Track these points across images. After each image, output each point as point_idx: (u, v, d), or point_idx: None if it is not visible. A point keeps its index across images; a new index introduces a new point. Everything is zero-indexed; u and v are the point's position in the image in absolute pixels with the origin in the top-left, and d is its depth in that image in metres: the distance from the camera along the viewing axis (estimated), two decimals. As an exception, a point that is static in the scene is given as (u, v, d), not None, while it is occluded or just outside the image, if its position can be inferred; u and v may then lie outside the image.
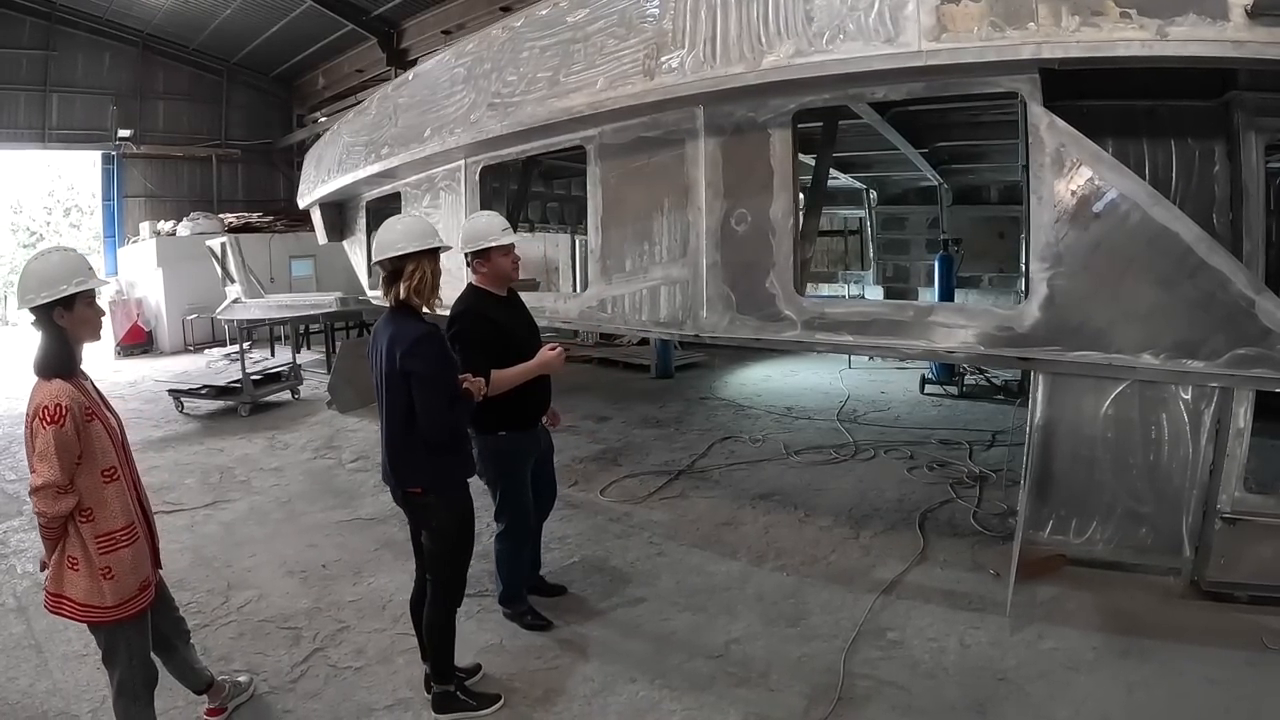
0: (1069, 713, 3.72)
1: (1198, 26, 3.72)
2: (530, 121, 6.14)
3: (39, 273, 3.31)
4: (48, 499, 3.15)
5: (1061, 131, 4.17)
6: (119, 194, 25.24)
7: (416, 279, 3.73)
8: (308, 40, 23.27)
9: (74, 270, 3.32)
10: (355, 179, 9.03)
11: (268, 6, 21.29)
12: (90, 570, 3.29)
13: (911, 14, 4.18)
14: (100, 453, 3.32)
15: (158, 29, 24.03)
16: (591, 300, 6.13)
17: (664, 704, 3.92)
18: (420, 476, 3.80)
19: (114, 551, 3.32)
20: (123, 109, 24.25)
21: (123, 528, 3.37)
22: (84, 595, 3.30)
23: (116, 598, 3.32)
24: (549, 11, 6.04)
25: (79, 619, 3.36)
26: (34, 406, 3.20)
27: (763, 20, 4.69)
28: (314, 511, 7.15)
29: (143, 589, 3.45)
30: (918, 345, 4.92)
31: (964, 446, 8.17)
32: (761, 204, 5.17)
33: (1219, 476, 4.40)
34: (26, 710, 4.20)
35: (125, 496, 3.42)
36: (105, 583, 3.30)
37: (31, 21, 22.47)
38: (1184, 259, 4.05)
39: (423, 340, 3.66)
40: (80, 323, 3.34)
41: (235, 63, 26.24)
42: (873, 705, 3.85)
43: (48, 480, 3.13)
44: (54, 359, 3.28)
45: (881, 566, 5.42)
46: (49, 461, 3.13)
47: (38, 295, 3.25)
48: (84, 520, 3.28)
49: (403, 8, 19.88)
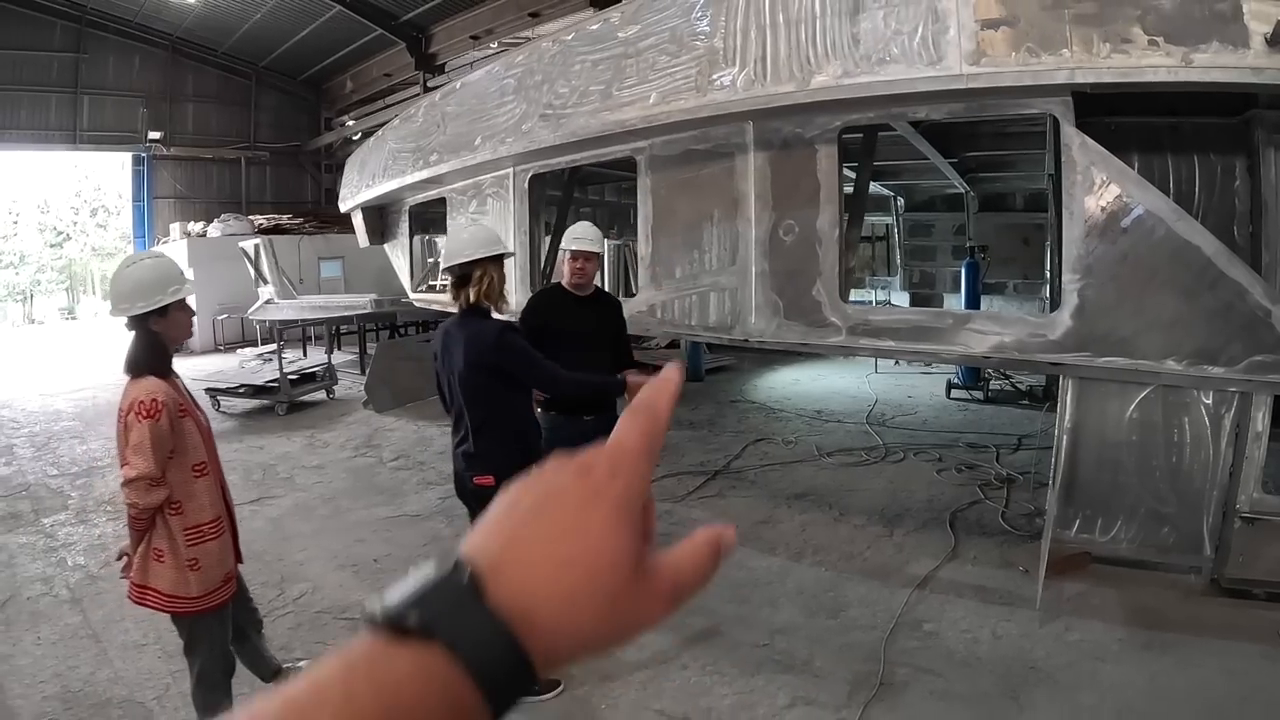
0: (1095, 699, 3.93)
1: (1220, 54, 3.93)
2: (583, 133, 6.33)
3: (134, 281, 3.38)
4: (140, 491, 3.23)
5: (1092, 151, 4.39)
6: (149, 195, 25.67)
7: (485, 284, 4.01)
8: (336, 44, 23.44)
9: (168, 278, 3.43)
10: (402, 184, 9.24)
11: (298, 11, 21.48)
12: (177, 562, 3.38)
13: (953, 39, 4.40)
14: (191, 448, 3.43)
15: (187, 32, 24.36)
16: (641, 305, 6.34)
17: (716, 688, 4.15)
18: (491, 469, 4.03)
19: (201, 544, 3.43)
20: (153, 111, 24.72)
21: (210, 521, 3.48)
22: (170, 586, 3.39)
23: (202, 589, 3.43)
24: (600, 26, 6.26)
25: (164, 609, 3.46)
26: (128, 402, 3.27)
27: (811, 42, 4.91)
28: (358, 508, 7.34)
29: (226, 581, 3.57)
30: (955, 350, 5.13)
31: (990, 450, 8.33)
32: (808, 216, 5.37)
33: (1238, 478, 4.55)
34: (90, 698, 4.32)
35: (214, 491, 3.54)
36: (191, 574, 3.39)
37: (62, 25, 22.91)
38: (1205, 271, 4.24)
39: (505, 331, 3.97)
40: (173, 325, 3.46)
41: (264, 66, 26.55)
42: (912, 691, 4.08)
43: (141, 472, 3.21)
44: (147, 359, 3.38)
45: (915, 563, 5.63)
46: (143, 454, 3.21)
47: (133, 305, 3.34)
48: (173, 513, 3.37)
49: (432, 13, 19.98)
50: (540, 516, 0.53)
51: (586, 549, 0.52)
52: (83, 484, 8.43)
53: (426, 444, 9.59)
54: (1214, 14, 3.96)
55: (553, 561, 0.51)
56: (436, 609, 0.48)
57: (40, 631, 5.08)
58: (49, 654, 4.80)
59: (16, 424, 11.93)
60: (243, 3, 21.60)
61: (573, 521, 0.52)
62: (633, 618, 0.53)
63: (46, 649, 4.86)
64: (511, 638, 0.48)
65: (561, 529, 0.52)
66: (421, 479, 8.18)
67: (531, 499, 0.54)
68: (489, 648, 0.48)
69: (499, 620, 0.48)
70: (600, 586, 0.51)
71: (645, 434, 0.58)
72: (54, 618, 5.28)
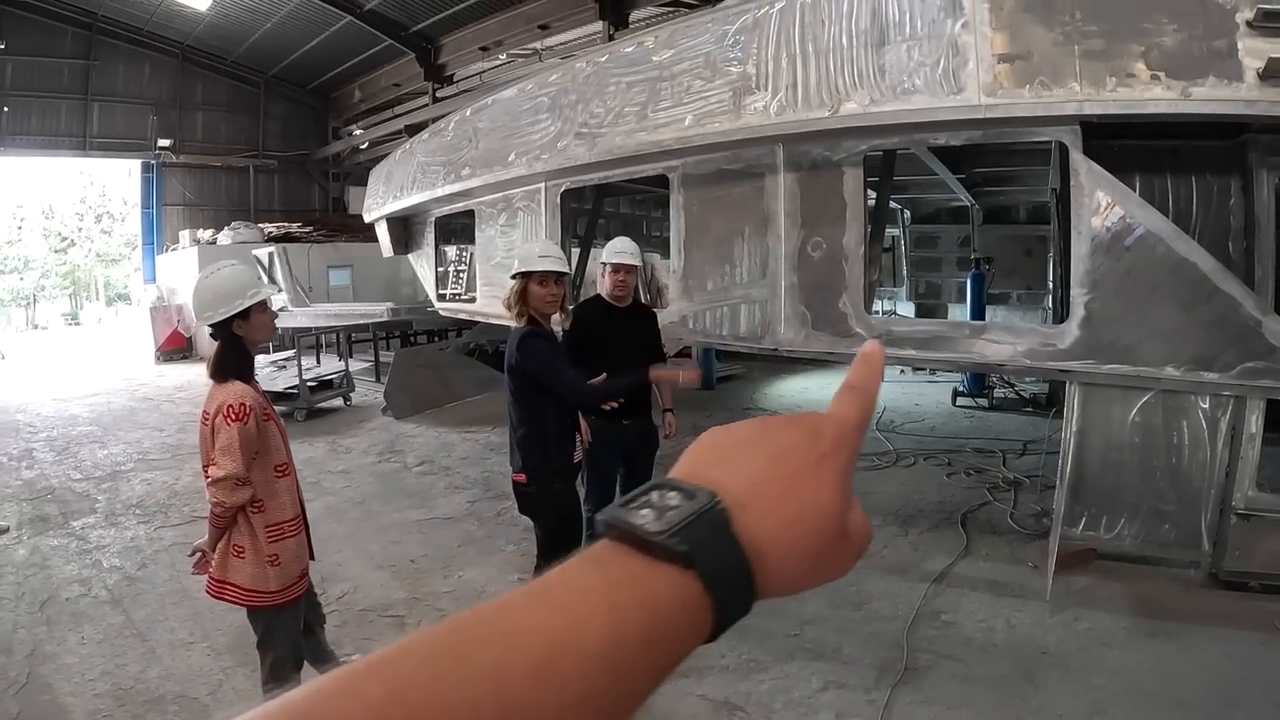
0: (1105, 680, 4.23)
1: (1217, 87, 4.29)
2: (618, 152, 6.64)
3: (214, 289, 3.52)
4: (227, 490, 3.34)
5: (1098, 175, 4.73)
6: (158, 202, 25.86)
7: (511, 296, 4.42)
8: (345, 54, 23.63)
9: (246, 284, 3.56)
10: (432, 196, 9.52)
11: (307, 21, 21.66)
12: (257, 558, 3.50)
13: (972, 71, 4.75)
14: (274, 450, 3.57)
15: (198, 41, 24.60)
16: (674, 315, 6.63)
17: (754, 675, 4.44)
18: (524, 466, 4.35)
19: (281, 540, 3.55)
20: (162, 119, 25.00)
21: (290, 519, 3.62)
22: (249, 581, 3.51)
23: (280, 583, 3.55)
24: (634, 50, 6.57)
25: (242, 603, 3.57)
26: (216, 405, 3.39)
27: (839, 71, 5.25)
28: (389, 511, 7.52)
29: (301, 576, 3.71)
30: (972, 358, 5.46)
31: (997, 454, 8.63)
32: (835, 233, 5.69)
33: (1234, 477, 4.84)
34: (142, 695, 4.42)
35: (293, 491, 3.68)
36: (271, 569, 3.51)
37: (73, 32, 23.16)
38: (1201, 285, 4.59)
39: (527, 336, 4.29)
40: (256, 327, 3.58)
41: (273, 75, 26.77)
42: (935, 674, 4.39)
43: (229, 472, 3.33)
44: (233, 363, 3.53)
45: (930, 560, 5.92)
46: (231, 455, 3.33)
47: (216, 311, 3.47)
48: (255, 511, 3.49)
49: (441, 24, 20.16)
50: (778, 467, 0.57)
51: (816, 506, 0.56)
52: (108, 488, 8.60)
53: (449, 449, 9.83)
54: (1211, 50, 4.31)
55: (788, 511, 0.55)
56: (697, 538, 0.51)
57: (84, 631, 5.18)
58: (95, 653, 4.89)
59: (34, 428, 12.14)
60: (253, 12, 21.82)
61: (807, 480, 0.57)
62: (830, 570, 0.59)
63: (92, 648, 4.96)
64: (750, 572, 0.53)
65: (798, 484, 0.56)
66: (449, 483, 8.39)
67: (767, 449, 0.58)
68: (734, 578, 0.53)
69: (745, 556, 0.53)
70: (819, 541, 0.56)
71: (862, 410, 0.63)
72: (96, 618, 5.39)
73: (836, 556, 0.59)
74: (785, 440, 0.59)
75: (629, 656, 0.48)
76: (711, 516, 0.53)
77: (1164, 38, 4.37)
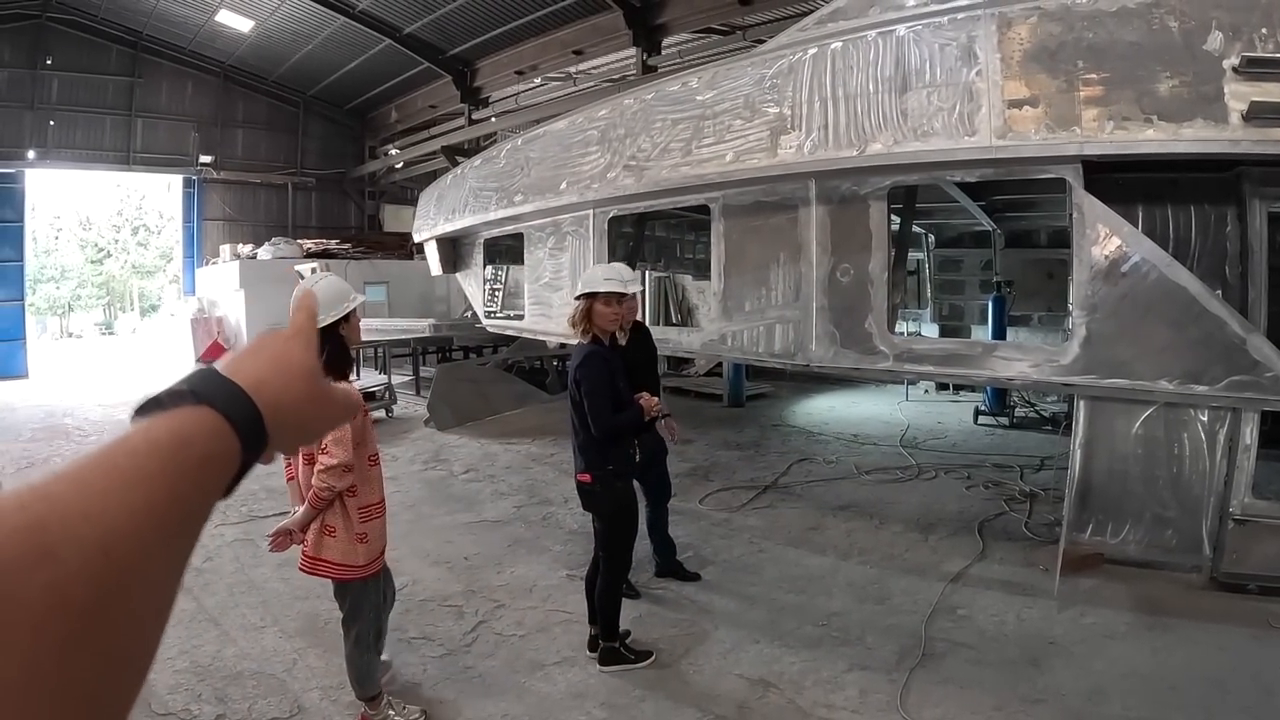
0: (1105, 665, 4.63)
1: (1205, 129, 4.76)
2: (664, 184, 7.17)
3: (322, 295, 3.84)
4: (337, 475, 3.72)
5: (1097, 208, 5.21)
6: (199, 216, 26.39)
7: (576, 314, 4.85)
8: (383, 76, 24.04)
9: (345, 291, 3.99)
10: (484, 220, 10.06)
11: (347, 44, 22.09)
12: (349, 536, 3.91)
13: (984, 116, 5.28)
14: (370, 441, 4.02)
15: (239, 61, 25.20)
16: (713, 334, 7.16)
17: (785, 658, 4.87)
18: (587, 468, 4.77)
19: (370, 521, 3.99)
20: (203, 135, 25.57)
21: (378, 502, 4.08)
22: (341, 556, 3.93)
23: (367, 558, 3.98)
24: (678, 89, 7.11)
25: (334, 576, 4.01)
26: None
27: (866, 114, 5.79)
28: (440, 515, 7.92)
29: (382, 552, 4.16)
30: (984, 374, 5.93)
31: (1015, 469, 8.97)
32: (861, 260, 6.20)
33: (1231, 485, 5.24)
34: (221, 671, 4.74)
35: (381, 479, 4.14)
36: (360, 546, 3.93)
37: (118, 50, 23.86)
38: (1190, 307, 5.05)
39: (587, 359, 4.71)
40: (354, 330, 4.03)
41: (312, 95, 27.29)
42: (950, 658, 4.81)
43: (341, 460, 3.70)
44: (341, 361, 3.95)
45: (948, 562, 6.31)
46: (343, 446, 3.70)
47: (326, 315, 3.80)
48: (350, 494, 3.89)
49: (478, 48, 20.48)
50: (260, 349, 0.78)
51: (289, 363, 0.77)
52: None
53: (493, 459, 10.24)
54: (1200, 95, 4.79)
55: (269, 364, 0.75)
56: (197, 381, 0.68)
57: None
58: (171, 635, 4.96)
59: (83, 432, 12.66)
60: (294, 35, 22.31)
61: (281, 348, 0.78)
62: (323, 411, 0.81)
63: (167, 630, 5.39)
64: (248, 398, 0.69)
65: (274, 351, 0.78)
66: (494, 490, 8.80)
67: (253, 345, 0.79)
68: (236, 404, 0.68)
69: (239, 387, 0.69)
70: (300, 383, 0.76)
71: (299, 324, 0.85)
72: None
73: (323, 403, 0.80)
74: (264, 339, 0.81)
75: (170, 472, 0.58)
76: (206, 371, 0.70)
77: (1157, 84, 4.86)
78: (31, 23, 22.21)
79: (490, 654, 5.02)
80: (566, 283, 8.72)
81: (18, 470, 9.99)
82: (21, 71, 22.31)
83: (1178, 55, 4.86)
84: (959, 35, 5.49)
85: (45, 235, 48.97)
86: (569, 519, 7.52)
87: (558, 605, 5.64)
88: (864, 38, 5.92)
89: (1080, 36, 5.14)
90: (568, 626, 5.29)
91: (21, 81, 22.34)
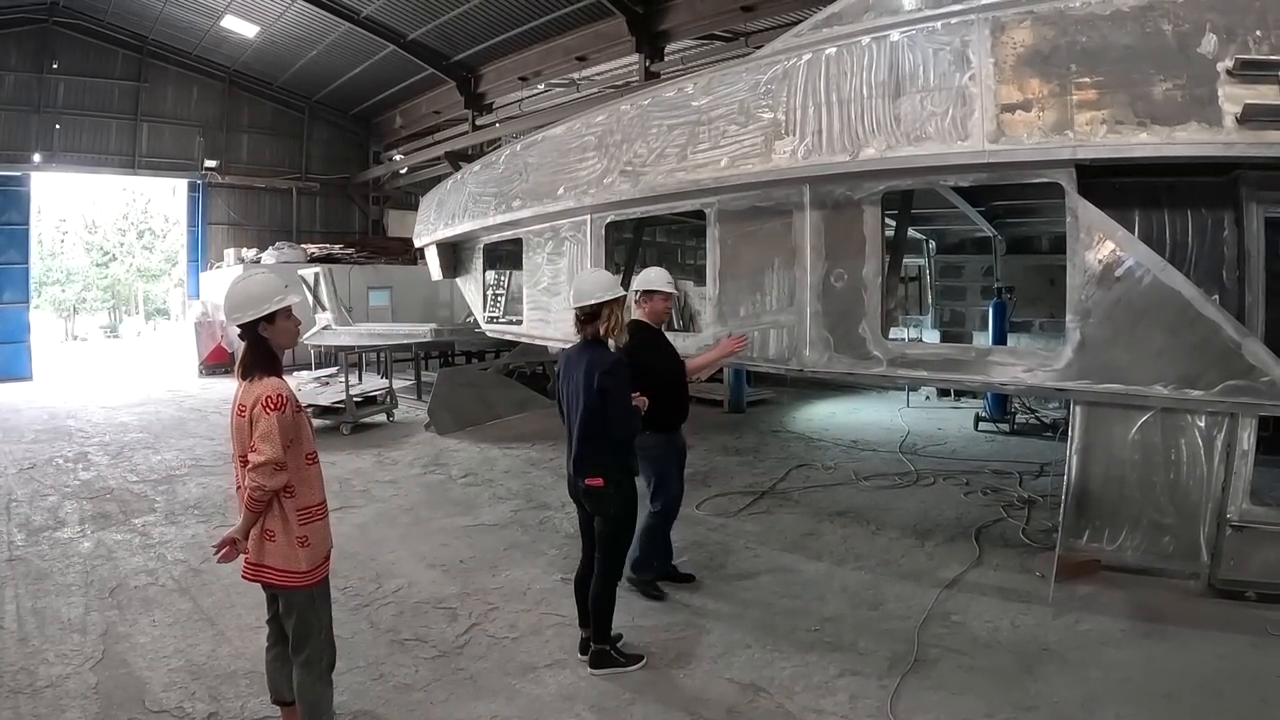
0: (1100, 673, 4.59)
1: (1199, 132, 4.75)
2: (660, 189, 7.18)
3: (245, 293, 3.77)
4: (267, 473, 3.55)
5: (1091, 213, 5.19)
6: (204, 220, 26.63)
7: (611, 321, 4.85)
8: (388, 82, 24.32)
9: (273, 291, 3.80)
10: (483, 225, 10.10)
11: (352, 49, 22.33)
12: (288, 540, 3.72)
13: (977, 121, 5.27)
14: (306, 439, 3.82)
15: (244, 66, 25.51)
16: (708, 338, 7.12)
17: (777, 663, 4.84)
18: (601, 471, 4.77)
19: (311, 523, 3.79)
20: (208, 140, 25.84)
21: (318, 503, 3.87)
22: (282, 562, 3.73)
23: (310, 563, 3.77)
24: (674, 94, 7.12)
25: (277, 584, 3.80)
26: (254, 398, 3.62)
27: (859, 120, 5.78)
28: (438, 518, 7.94)
29: (327, 558, 3.94)
30: (978, 379, 5.91)
31: (1014, 476, 8.95)
32: (855, 265, 6.20)
33: (1229, 491, 5.19)
34: (215, 670, 4.76)
35: (321, 478, 3.92)
36: (301, 550, 3.73)
37: (124, 54, 24.11)
38: (1185, 311, 5.03)
39: (619, 363, 4.75)
40: (281, 332, 3.82)
41: (317, 100, 27.56)
42: (942, 665, 4.77)
43: (269, 457, 3.54)
44: (262, 362, 3.77)
45: (944, 568, 6.28)
46: (270, 441, 3.55)
47: (244, 313, 3.72)
48: (287, 496, 3.70)
49: (482, 54, 20.73)
50: None
51: None
52: (165, 490, 9.10)
53: (491, 464, 10.28)
54: (1193, 98, 4.77)
55: None
56: None
57: (154, 615, 5.56)
58: (167, 634, 5.26)
59: (85, 434, 12.73)
60: (299, 40, 22.55)
61: None
62: None
63: (163, 630, 5.33)
64: None
65: None
66: (493, 494, 8.82)
67: None
68: None
69: None
70: None
71: None
72: (165, 604, 5.76)
73: None
74: None
75: None
76: None
77: (1151, 87, 4.85)
78: (38, 27, 22.41)
79: (482, 656, 5.02)
80: (564, 288, 8.71)
81: (20, 470, 10.10)
82: (28, 75, 22.51)
83: (1171, 58, 4.85)
84: (953, 40, 5.48)
85: (51, 238, 49.47)
86: (566, 523, 7.50)
87: (551, 608, 5.64)
88: (858, 43, 5.91)
89: (1074, 40, 5.13)
90: (560, 629, 5.30)
91: (28, 85, 22.53)
